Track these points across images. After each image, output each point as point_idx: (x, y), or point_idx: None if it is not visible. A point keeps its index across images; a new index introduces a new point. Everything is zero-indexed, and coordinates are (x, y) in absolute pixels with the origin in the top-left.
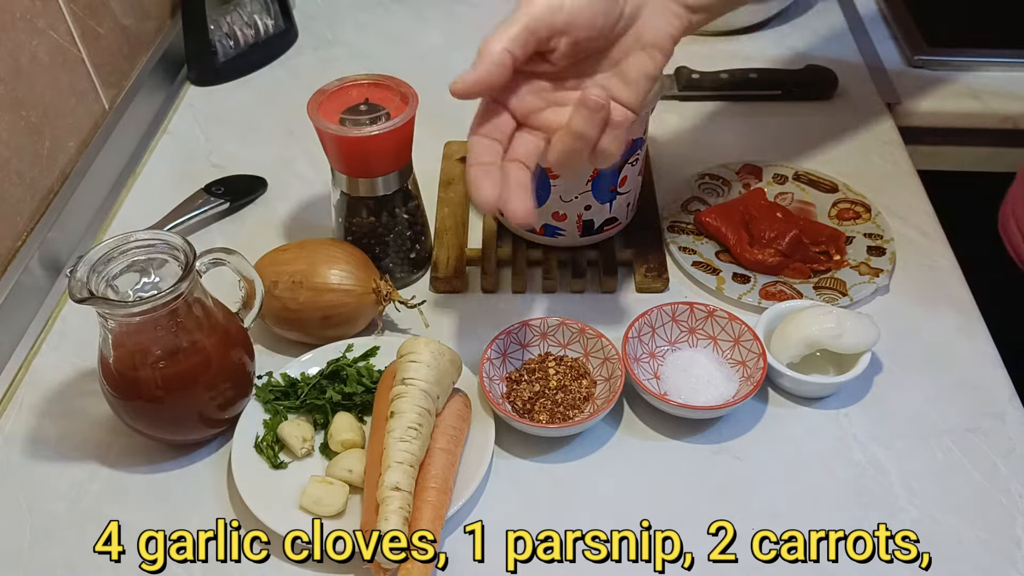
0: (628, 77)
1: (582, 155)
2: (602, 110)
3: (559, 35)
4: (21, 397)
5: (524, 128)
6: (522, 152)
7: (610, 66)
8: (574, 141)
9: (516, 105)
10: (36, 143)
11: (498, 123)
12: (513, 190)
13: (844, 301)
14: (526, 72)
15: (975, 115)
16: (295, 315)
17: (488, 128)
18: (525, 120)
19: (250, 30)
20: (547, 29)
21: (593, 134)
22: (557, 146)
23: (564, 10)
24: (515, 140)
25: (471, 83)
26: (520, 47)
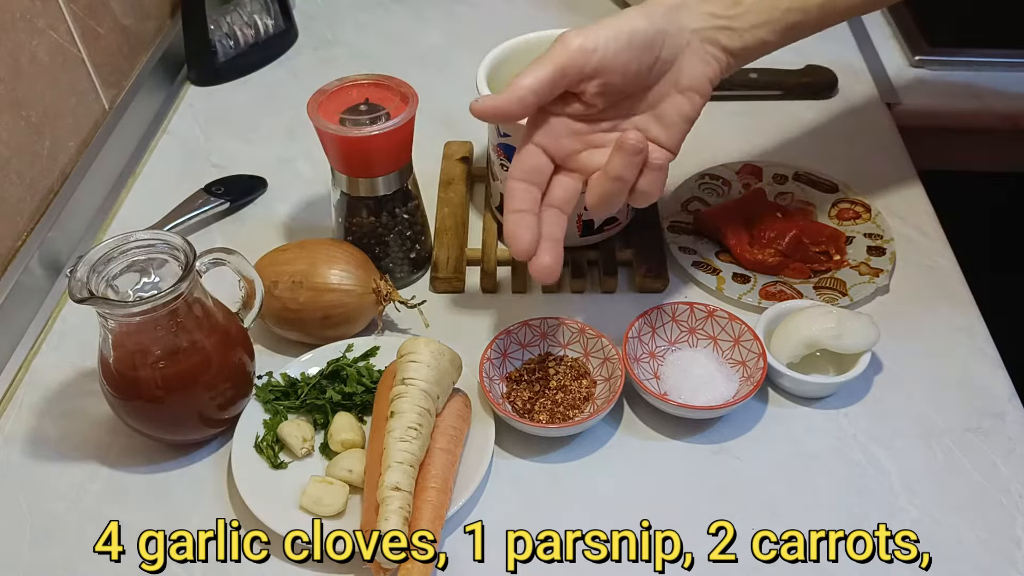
0: (665, 119)
1: (621, 197)
2: (640, 153)
3: (590, 78)
4: (21, 397)
5: (562, 171)
6: (559, 196)
7: (647, 108)
8: (612, 184)
9: (554, 148)
10: (36, 143)
11: (536, 166)
12: (545, 244)
13: (844, 301)
14: (562, 114)
15: (975, 115)
16: (295, 315)
17: (526, 172)
18: (563, 163)
19: (250, 30)
20: (578, 72)
21: (631, 176)
22: (595, 189)
23: (597, 54)
24: (553, 183)
25: (489, 108)
26: (548, 87)
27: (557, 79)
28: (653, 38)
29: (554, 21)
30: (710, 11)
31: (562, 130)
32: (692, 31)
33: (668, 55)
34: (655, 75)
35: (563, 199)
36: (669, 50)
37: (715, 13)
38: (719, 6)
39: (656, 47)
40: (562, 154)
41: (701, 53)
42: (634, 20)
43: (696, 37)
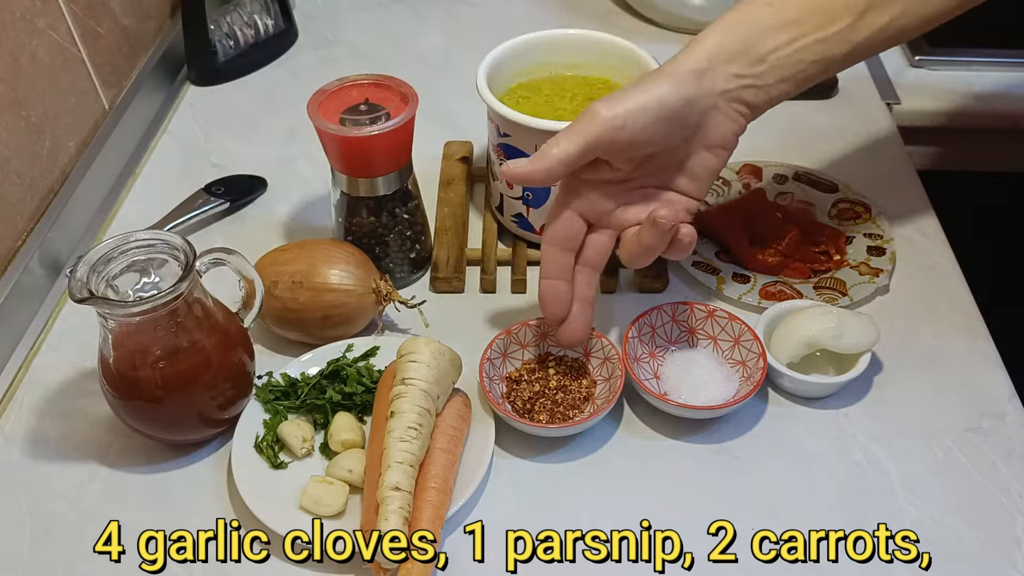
0: (694, 174)
1: (651, 259)
2: (671, 231)
3: (619, 152)
4: (21, 397)
5: (595, 229)
6: (593, 257)
7: (676, 166)
8: (644, 250)
9: (587, 210)
10: (36, 143)
11: (571, 232)
12: (577, 307)
13: (844, 301)
14: (594, 179)
15: (975, 115)
16: (295, 315)
17: (561, 238)
18: (596, 222)
19: (250, 30)
20: (607, 146)
21: (662, 247)
22: (628, 249)
23: (626, 130)
24: (586, 243)
25: (519, 174)
26: (576, 158)
27: (586, 152)
28: (681, 107)
29: (554, 21)
30: (735, 72)
31: (594, 195)
32: (718, 94)
33: (696, 120)
34: (682, 138)
35: (596, 259)
36: (696, 115)
37: (740, 73)
38: (743, 66)
39: (684, 116)
40: (595, 215)
41: (727, 111)
42: (661, 90)
43: (722, 99)
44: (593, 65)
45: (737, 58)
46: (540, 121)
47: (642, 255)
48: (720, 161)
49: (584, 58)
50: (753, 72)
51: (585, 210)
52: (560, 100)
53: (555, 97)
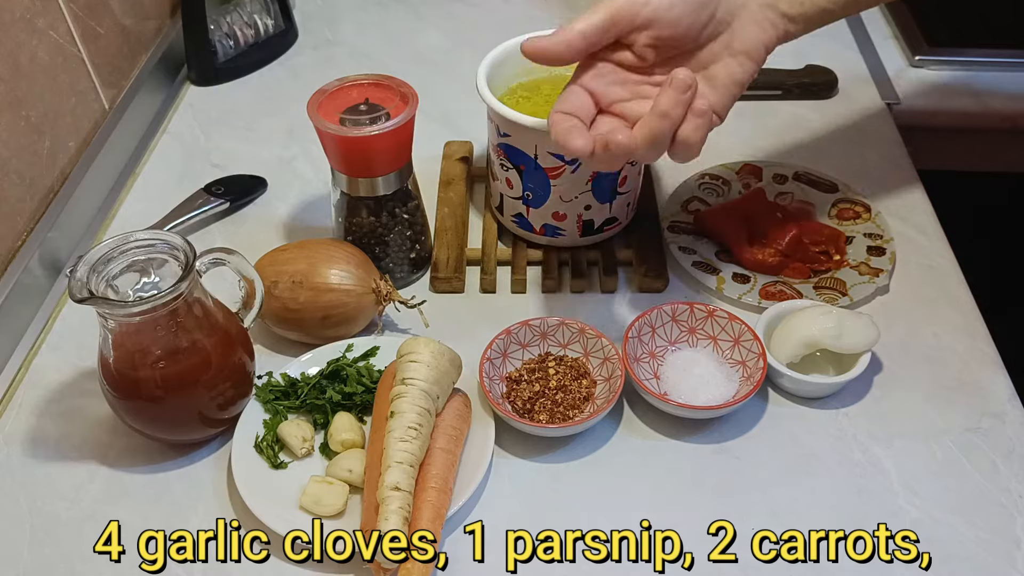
0: (716, 81)
1: (666, 138)
2: (690, 89)
3: (642, 29)
4: (21, 397)
5: (606, 114)
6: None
7: (698, 68)
8: (660, 121)
9: (600, 92)
10: (36, 143)
11: (581, 105)
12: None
13: (844, 301)
14: (612, 61)
15: (975, 115)
16: (295, 315)
17: (570, 107)
18: (608, 107)
19: (250, 30)
20: (629, 22)
21: (678, 116)
22: (643, 128)
23: (649, 5)
24: (597, 121)
25: (538, 49)
26: (598, 34)
27: (608, 26)
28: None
29: (554, 21)
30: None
31: (611, 77)
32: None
33: (723, 15)
34: (708, 34)
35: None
36: (724, 10)
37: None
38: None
39: (711, 5)
40: (608, 100)
41: (758, 17)
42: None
43: (754, 1)
44: None
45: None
46: (540, 121)
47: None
48: (745, 73)
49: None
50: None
51: (598, 90)
52: None
53: (555, 97)
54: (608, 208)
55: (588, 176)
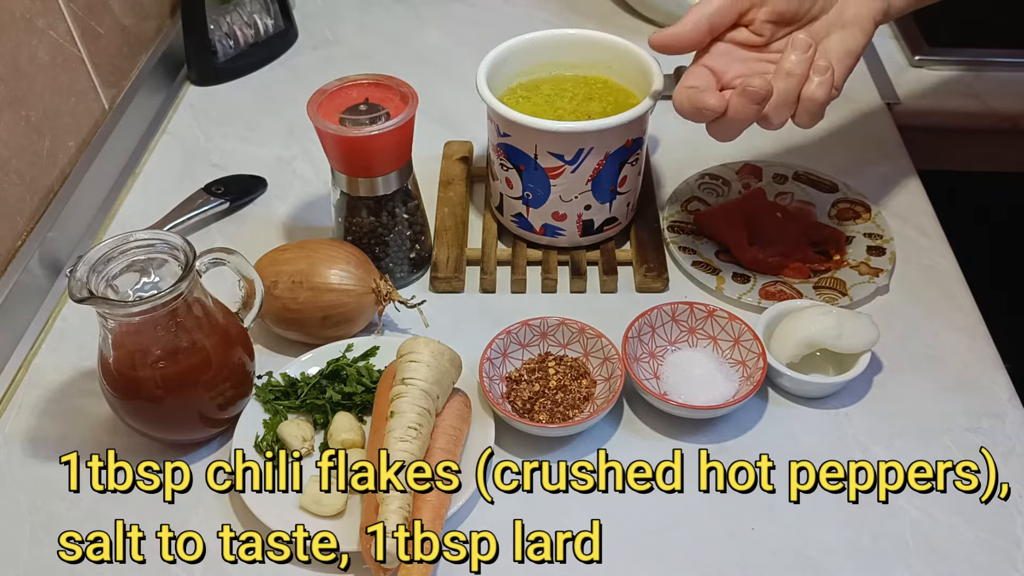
0: (830, 53)
1: (793, 96)
2: (810, 48)
3: (760, 5)
4: (21, 397)
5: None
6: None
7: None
8: (787, 79)
9: (721, 70)
10: (36, 143)
11: (705, 80)
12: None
13: (844, 301)
14: (732, 41)
15: (975, 115)
16: (295, 315)
17: (695, 82)
18: (728, 85)
19: (250, 30)
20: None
21: (802, 71)
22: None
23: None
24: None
25: (668, 38)
26: (721, 16)
27: (729, 6)
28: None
29: (554, 21)
30: None
31: (731, 56)
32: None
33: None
34: (820, 7)
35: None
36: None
37: None
38: None
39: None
40: (729, 76)
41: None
42: None
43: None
44: (593, 65)
45: None
46: (540, 121)
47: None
48: (856, 43)
49: (584, 58)
50: None
51: (719, 68)
52: (560, 100)
53: (555, 97)
54: (608, 208)
55: (588, 176)
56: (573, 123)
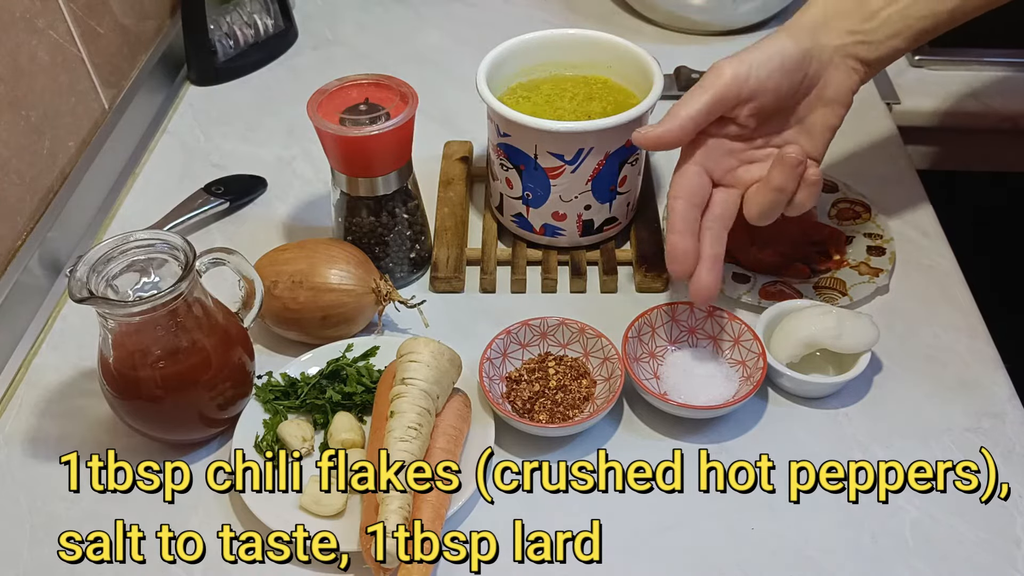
0: (813, 131)
1: (780, 208)
2: (800, 165)
3: (745, 103)
4: (21, 397)
5: (719, 187)
6: (720, 212)
7: (796, 122)
8: (774, 194)
9: (712, 167)
10: (36, 143)
11: (698, 187)
12: (705, 264)
13: (844, 301)
14: (719, 135)
15: (975, 115)
16: (295, 315)
17: (689, 193)
18: (720, 180)
19: (250, 30)
20: (734, 99)
21: (792, 188)
22: (756, 200)
23: (751, 80)
24: (713, 200)
25: (652, 138)
26: (705, 114)
27: (714, 107)
28: (801, 59)
29: (554, 21)
30: (848, 28)
31: (719, 150)
32: (833, 48)
33: (814, 73)
34: (803, 92)
35: (724, 215)
36: (815, 68)
37: (852, 29)
38: (855, 22)
39: (804, 67)
40: (720, 172)
41: (843, 67)
42: (782, 44)
43: (837, 53)
44: (593, 65)
45: (850, 15)
46: (540, 121)
47: (771, 202)
48: (837, 118)
49: (584, 58)
50: (865, 28)
51: (710, 166)
52: (560, 100)
53: (555, 97)
54: (608, 208)
55: (588, 176)
56: (573, 123)
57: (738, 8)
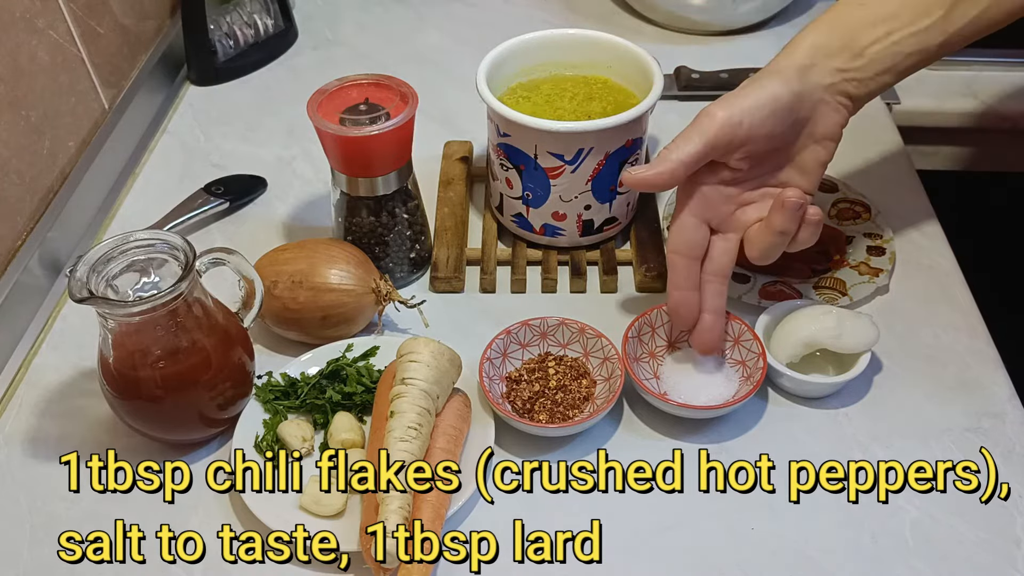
0: (805, 168)
1: (782, 248)
2: (801, 209)
3: (737, 148)
4: (21, 397)
5: (717, 234)
6: (720, 264)
7: (788, 161)
8: (776, 237)
9: (709, 215)
10: (36, 143)
11: (696, 241)
12: (708, 318)
13: (844, 301)
14: (712, 182)
15: (975, 115)
16: (295, 315)
17: (686, 246)
18: (718, 227)
19: (250, 30)
20: (726, 145)
21: (794, 229)
22: (758, 243)
23: (743, 126)
24: (712, 250)
25: (641, 180)
26: (696, 160)
27: (706, 152)
28: (792, 102)
29: (554, 21)
30: (836, 67)
31: (714, 197)
32: (824, 88)
33: (805, 113)
34: (794, 133)
35: (724, 267)
36: (806, 109)
37: (841, 68)
38: (844, 60)
39: (795, 111)
40: (717, 220)
41: (832, 104)
42: (772, 87)
43: (827, 92)
44: (593, 65)
45: (838, 53)
46: (540, 121)
47: (772, 244)
48: (828, 153)
49: (584, 58)
50: (854, 66)
51: (707, 215)
52: (560, 100)
53: (555, 97)
54: (608, 208)
55: (588, 176)
56: (573, 123)
57: (738, 8)
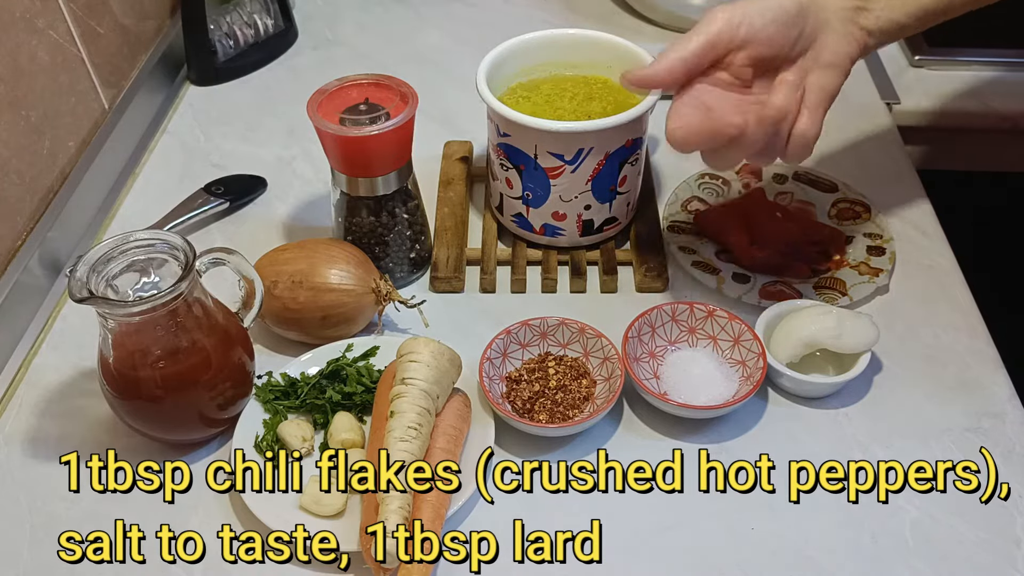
0: (809, 92)
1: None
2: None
3: (738, 49)
4: (21, 397)
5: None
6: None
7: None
8: (777, 113)
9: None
10: (36, 143)
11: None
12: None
13: (844, 301)
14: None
15: (975, 115)
16: (295, 315)
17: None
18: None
19: (250, 30)
20: (726, 43)
21: (794, 109)
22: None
23: (743, 27)
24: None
25: (639, 78)
26: (697, 57)
27: (706, 50)
28: (797, 13)
29: (554, 21)
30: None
31: (716, 90)
32: (832, 10)
33: (811, 31)
34: (799, 49)
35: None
36: (812, 26)
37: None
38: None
39: (800, 22)
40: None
41: (842, 31)
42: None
43: (836, 16)
44: (593, 65)
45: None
46: (540, 121)
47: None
48: (835, 83)
49: (584, 58)
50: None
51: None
52: (560, 100)
53: (555, 97)
54: (608, 208)
55: (588, 176)
56: (573, 123)
57: None
